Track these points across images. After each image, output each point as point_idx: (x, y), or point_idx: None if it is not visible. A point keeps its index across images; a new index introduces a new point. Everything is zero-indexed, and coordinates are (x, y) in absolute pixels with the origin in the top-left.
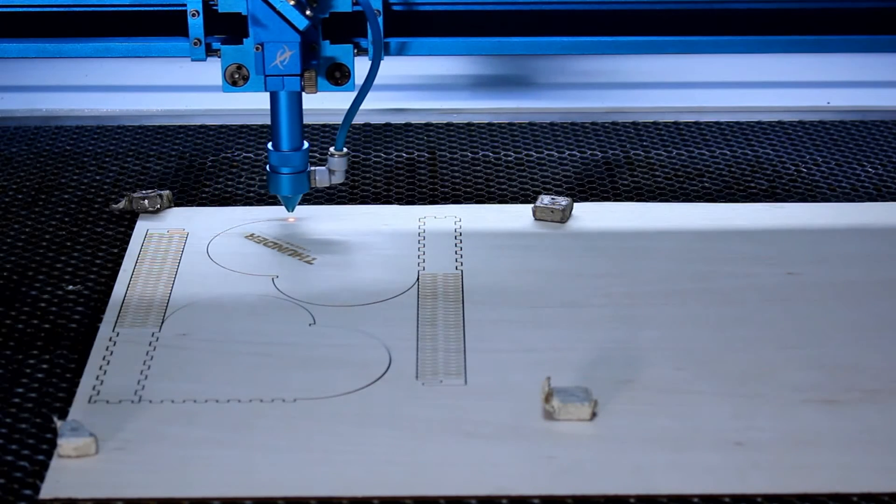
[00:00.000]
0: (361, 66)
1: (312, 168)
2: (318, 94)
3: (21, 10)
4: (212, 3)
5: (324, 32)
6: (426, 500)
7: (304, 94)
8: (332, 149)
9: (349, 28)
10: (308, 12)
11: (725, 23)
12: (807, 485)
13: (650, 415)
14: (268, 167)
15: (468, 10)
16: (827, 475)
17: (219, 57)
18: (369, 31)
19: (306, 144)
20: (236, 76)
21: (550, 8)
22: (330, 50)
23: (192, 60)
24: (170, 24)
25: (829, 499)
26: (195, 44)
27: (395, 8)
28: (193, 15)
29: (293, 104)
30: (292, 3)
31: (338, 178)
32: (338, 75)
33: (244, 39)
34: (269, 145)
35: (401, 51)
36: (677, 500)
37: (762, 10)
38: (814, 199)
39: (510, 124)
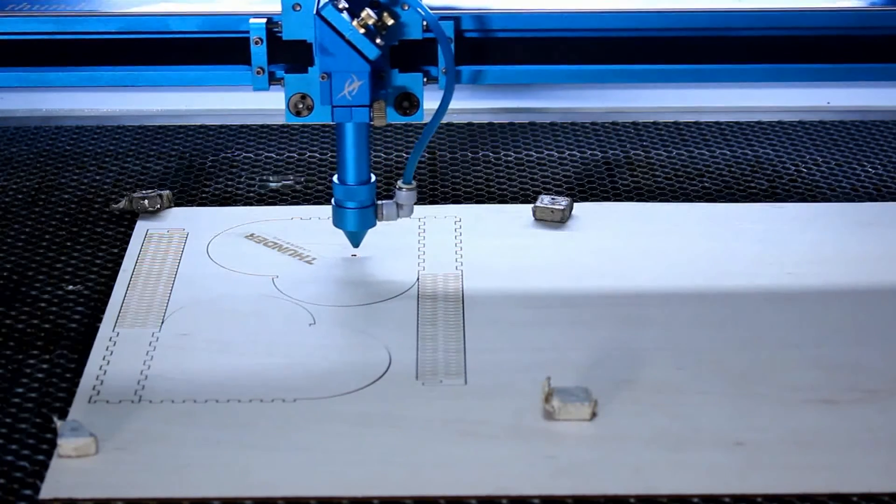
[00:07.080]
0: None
1: (379, 202)
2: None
3: (6, 38)
4: (276, 30)
5: (392, 60)
6: (426, 500)
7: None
8: (399, 182)
9: (419, 55)
10: (378, 41)
11: (738, 51)
12: (807, 485)
13: (650, 415)
14: (332, 201)
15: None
16: (827, 475)
17: (282, 86)
18: (440, 59)
19: (373, 177)
20: (300, 106)
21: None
22: (399, 79)
23: (255, 90)
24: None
25: (829, 499)
26: (258, 72)
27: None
28: (257, 42)
29: (361, 136)
30: (362, 31)
31: (406, 213)
32: (406, 105)
33: (309, 68)
34: (335, 178)
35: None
36: (677, 500)
37: (774, 37)
38: (814, 199)
39: (510, 124)
